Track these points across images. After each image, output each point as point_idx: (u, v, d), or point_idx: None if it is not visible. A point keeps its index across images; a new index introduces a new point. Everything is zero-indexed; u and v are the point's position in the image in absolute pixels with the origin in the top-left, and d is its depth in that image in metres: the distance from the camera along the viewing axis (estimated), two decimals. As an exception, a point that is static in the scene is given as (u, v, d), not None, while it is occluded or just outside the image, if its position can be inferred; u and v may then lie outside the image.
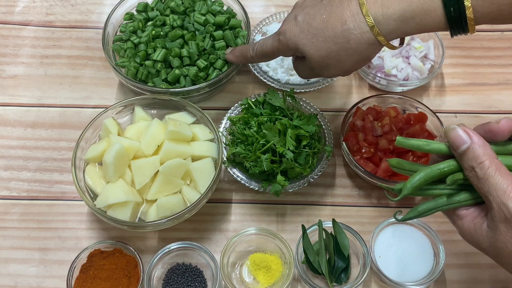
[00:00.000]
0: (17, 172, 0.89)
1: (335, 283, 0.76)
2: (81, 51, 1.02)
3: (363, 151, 0.82)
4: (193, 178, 0.80)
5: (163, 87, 0.89)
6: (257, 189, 0.81)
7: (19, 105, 0.96)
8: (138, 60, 0.90)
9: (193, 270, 0.78)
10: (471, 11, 0.60)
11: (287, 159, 0.77)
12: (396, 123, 0.85)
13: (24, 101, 0.96)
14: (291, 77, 0.93)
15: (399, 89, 0.94)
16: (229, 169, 0.82)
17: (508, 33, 1.03)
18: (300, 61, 0.75)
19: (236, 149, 0.80)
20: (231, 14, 0.96)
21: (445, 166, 0.56)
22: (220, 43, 0.92)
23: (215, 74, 0.90)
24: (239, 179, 0.82)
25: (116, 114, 0.86)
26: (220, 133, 0.83)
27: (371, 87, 0.97)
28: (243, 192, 0.86)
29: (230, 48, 0.89)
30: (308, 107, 0.88)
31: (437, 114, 0.86)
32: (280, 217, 0.84)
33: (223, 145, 0.83)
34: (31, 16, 1.07)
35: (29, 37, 1.04)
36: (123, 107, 0.86)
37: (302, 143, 0.79)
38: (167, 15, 0.95)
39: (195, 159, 0.82)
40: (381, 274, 0.75)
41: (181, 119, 0.84)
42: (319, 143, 0.83)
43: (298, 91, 0.91)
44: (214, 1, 0.97)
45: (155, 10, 0.97)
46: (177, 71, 0.89)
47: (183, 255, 0.79)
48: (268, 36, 0.79)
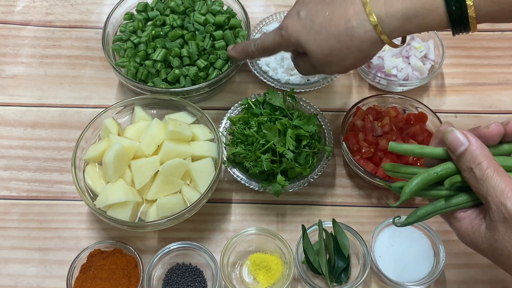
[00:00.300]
0: (17, 172, 0.89)
1: (335, 283, 0.76)
2: (81, 51, 1.02)
3: (363, 151, 0.82)
4: (193, 178, 0.80)
5: (163, 87, 0.89)
6: (257, 189, 0.81)
7: (19, 105, 0.96)
8: (138, 60, 0.90)
9: (193, 270, 0.78)
10: (473, 10, 0.61)
11: (287, 159, 0.77)
12: (396, 123, 0.85)
13: (24, 101, 0.96)
14: (291, 77, 0.93)
15: (399, 89, 0.94)
16: (229, 169, 0.82)
17: (508, 33, 1.03)
18: (301, 58, 0.75)
19: (236, 149, 0.80)
20: (231, 14, 0.96)
21: (442, 169, 0.56)
22: (220, 43, 0.92)
23: (215, 74, 0.90)
24: (239, 179, 0.82)
25: (116, 114, 0.86)
26: (220, 133, 0.83)
27: (371, 87, 0.97)
28: (243, 192, 0.86)
29: (232, 44, 0.89)
30: (308, 107, 0.88)
31: (437, 114, 0.86)
32: (280, 217, 0.84)
33: (223, 145, 0.83)
34: (31, 16, 1.07)
35: (29, 37, 1.04)
36: (123, 107, 0.86)
37: (302, 143, 0.79)
38: (167, 15, 0.95)
39: (195, 159, 0.81)
40: (381, 274, 0.75)
41: (181, 119, 0.84)
42: (319, 143, 0.83)
43: (298, 91, 0.91)
44: (214, 1, 0.97)
45: (155, 10, 0.97)
46: (177, 71, 0.89)
47: (183, 255, 0.79)
48: (269, 31, 0.79)
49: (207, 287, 0.77)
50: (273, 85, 0.92)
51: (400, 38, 0.69)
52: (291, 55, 0.79)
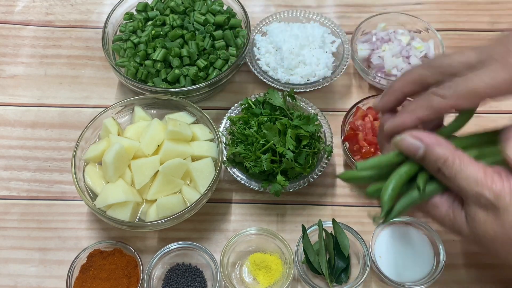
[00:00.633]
0: (17, 172, 0.89)
1: (335, 283, 0.76)
2: (81, 51, 1.02)
3: (363, 151, 0.82)
4: (193, 178, 0.80)
5: (163, 87, 0.89)
6: (257, 189, 0.81)
7: (18, 105, 0.96)
8: (138, 60, 0.90)
9: (193, 270, 0.78)
10: None
11: (287, 159, 0.76)
12: (396, 123, 0.85)
13: (24, 101, 0.96)
14: (291, 77, 0.93)
15: (399, 89, 0.94)
16: (229, 169, 0.82)
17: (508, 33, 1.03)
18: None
19: (236, 149, 0.80)
20: (231, 13, 0.96)
21: (408, 167, 0.56)
22: (220, 43, 0.92)
23: (215, 74, 0.90)
24: (239, 179, 0.82)
25: (116, 114, 0.86)
26: (220, 133, 0.83)
27: (371, 87, 0.97)
28: (243, 192, 0.86)
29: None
30: (308, 107, 0.88)
31: (437, 114, 0.86)
32: (280, 217, 0.84)
33: (223, 145, 0.83)
34: (31, 15, 1.07)
35: (29, 37, 1.04)
36: (123, 107, 0.86)
37: (302, 143, 0.79)
38: (167, 15, 0.95)
39: (195, 159, 0.81)
40: (381, 274, 0.75)
41: (181, 119, 0.84)
42: (319, 143, 0.83)
43: (298, 91, 0.91)
44: (214, 1, 0.97)
45: (155, 10, 0.97)
46: (177, 71, 0.89)
47: (183, 255, 0.79)
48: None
49: (207, 287, 0.77)
50: (273, 85, 0.92)
51: None
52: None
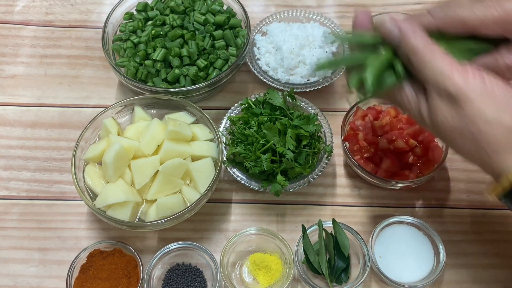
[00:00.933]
0: (17, 172, 0.89)
1: (335, 283, 0.76)
2: (81, 50, 1.02)
3: (363, 151, 0.82)
4: (193, 178, 0.80)
5: (163, 86, 0.88)
6: (257, 189, 0.81)
7: (18, 104, 0.96)
8: (137, 59, 0.90)
9: (193, 270, 0.78)
10: None
11: (287, 159, 0.76)
12: (396, 122, 0.85)
13: (23, 101, 0.96)
14: (291, 77, 0.93)
15: (399, 89, 0.94)
16: (229, 169, 0.82)
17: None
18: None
19: (236, 149, 0.80)
20: (231, 13, 0.96)
21: (386, 54, 0.58)
22: (220, 43, 0.92)
23: (215, 73, 0.90)
24: (239, 179, 0.82)
25: (115, 114, 0.86)
26: (220, 133, 0.83)
27: (371, 87, 0.96)
28: (243, 192, 0.86)
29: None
30: (308, 107, 0.88)
31: (437, 114, 0.86)
32: (280, 217, 0.84)
33: (223, 145, 0.83)
34: (30, 15, 1.07)
35: (29, 37, 1.04)
36: (122, 107, 0.86)
37: (302, 143, 0.79)
38: (167, 15, 0.95)
39: (195, 159, 0.81)
40: (381, 274, 0.75)
41: (181, 119, 0.84)
42: (319, 143, 0.83)
43: (298, 90, 0.91)
44: (214, 1, 0.97)
45: (154, 9, 0.97)
46: (177, 71, 0.88)
47: (183, 255, 0.79)
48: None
49: (207, 287, 0.77)
50: (273, 85, 0.92)
51: None
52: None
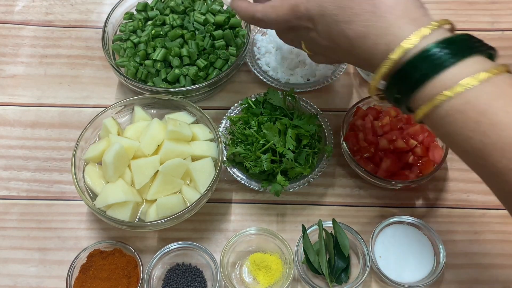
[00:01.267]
0: (17, 172, 0.89)
1: (335, 283, 0.76)
2: (81, 50, 1.02)
3: (363, 151, 0.82)
4: (193, 178, 0.80)
5: (163, 86, 0.88)
6: (257, 189, 0.81)
7: (18, 104, 0.96)
8: (137, 59, 0.90)
9: (193, 270, 0.78)
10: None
11: (287, 159, 0.76)
12: (396, 122, 0.85)
13: (23, 101, 0.96)
14: (291, 77, 0.93)
15: (399, 89, 0.94)
16: (229, 169, 0.82)
17: (508, 32, 1.03)
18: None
19: (236, 149, 0.80)
20: (231, 13, 0.96)
21: None
22: (220, 43, 0.92)
23: (215, 73, 0.90)
24: (239, 179, 0.82)
25: (115, 113, 0.86)
26: (220, 133, 0.83)
27: (371, 87, 0.96)
28: (243, 192, 0.86)
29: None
30: (308, 107, 0.88)
31: (437, 114, 0.86)
32: (280, 217, 0.84)
33: (223, 145, 0.82)
34: (30, 15, 1.07)
35: (29, 37, 1.04)
36: (122, 107, 0.86)
37: (302, 143, 0.79)
38: (167, 15, 0.95)
39: (195, 159, 0.81)
40: (381, 274, 0.75)
41: (181, 118, 0.84)
42: (319, 143, 0.83)
43: (298, 90, 0.91)
44: (214, 1, 0.97)
45: (154, 9, 0.97)
46: (176, 71, 0.88)
47: (183, 255, 0.79)
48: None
49: (207, 287, 0.77)
50: (273, 84, 0.92)
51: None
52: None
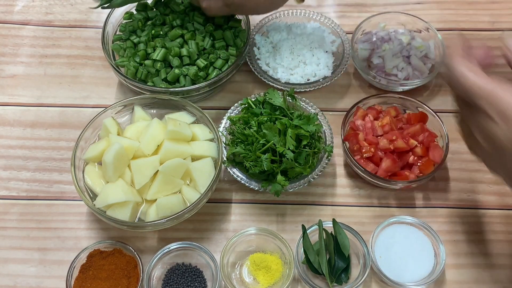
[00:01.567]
0: (17, 172, 0.89)
1: (335, 283, 0.76)
2: (81, 50, 1.02)
3: (363, 151, 0.82)
4: (193, 178, 0.80)
5: (163, 86, 0.88)
6: (257, 189, 0.81)
7: (18, 104, 0.96)
8: (137, 59, 0.90)
9: (193, 270, 0.78)
10: None
11: (287, 159, 0.76)
12: (396, 123, 0.85)
13: (23, 101, 0.96)
14: (291, 77, 0.93)
15: (400, 89, 0.94)
16: (229, 169, 0.82)
17: (508, 32, 1.03)
18: None
19: (236, 149, 0.80)
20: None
21: None
22: (219, 43, 0.92)
23: (215, 73, 0.90)
24: (239, 179, 0.82)
25: (115, 113, 0.85)
26: (220, 133, 0.83)
27: (372, 87, 0.96)
28: (243, 192, 0.86)
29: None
30: (308, 107, 0.88)
31: (438, 113, 0.86)
32: (280, 217, 0.84)
33: (223, 145, 0.82)
34: (30, 15, 1.07)
35: (29, 37, 1.04)
36: (122, 107, 0.86)
37: (302, 143, 0.79)
38: (167, 15, 0.95)
39: (195, 159, 0.81)
40: (381, 274, 0.75)
41: (181, 118, 0.84)
42: (319, 143, 0.83)
43: (298, 90, 0.91)
44: (214, 1, 0.97)
45: (154, 9, 0.97)
46: (176, 71, 0.88)
47: (183, 255, 0.79)
48: None
49: (207, 287, 0.77)
50: (273, 85, 0.92)
51: None
52: None
